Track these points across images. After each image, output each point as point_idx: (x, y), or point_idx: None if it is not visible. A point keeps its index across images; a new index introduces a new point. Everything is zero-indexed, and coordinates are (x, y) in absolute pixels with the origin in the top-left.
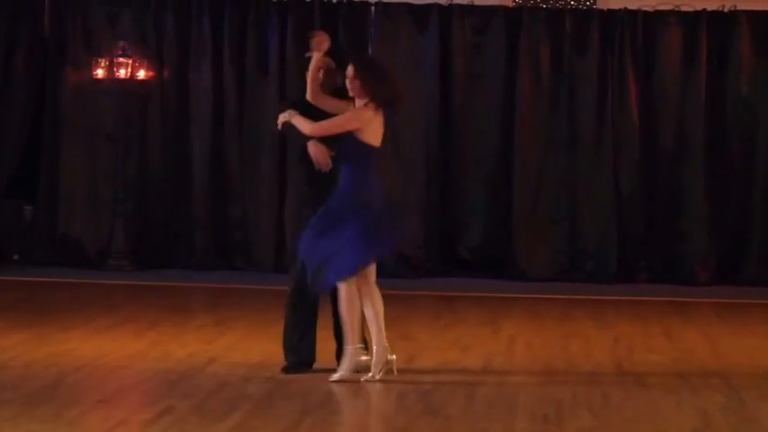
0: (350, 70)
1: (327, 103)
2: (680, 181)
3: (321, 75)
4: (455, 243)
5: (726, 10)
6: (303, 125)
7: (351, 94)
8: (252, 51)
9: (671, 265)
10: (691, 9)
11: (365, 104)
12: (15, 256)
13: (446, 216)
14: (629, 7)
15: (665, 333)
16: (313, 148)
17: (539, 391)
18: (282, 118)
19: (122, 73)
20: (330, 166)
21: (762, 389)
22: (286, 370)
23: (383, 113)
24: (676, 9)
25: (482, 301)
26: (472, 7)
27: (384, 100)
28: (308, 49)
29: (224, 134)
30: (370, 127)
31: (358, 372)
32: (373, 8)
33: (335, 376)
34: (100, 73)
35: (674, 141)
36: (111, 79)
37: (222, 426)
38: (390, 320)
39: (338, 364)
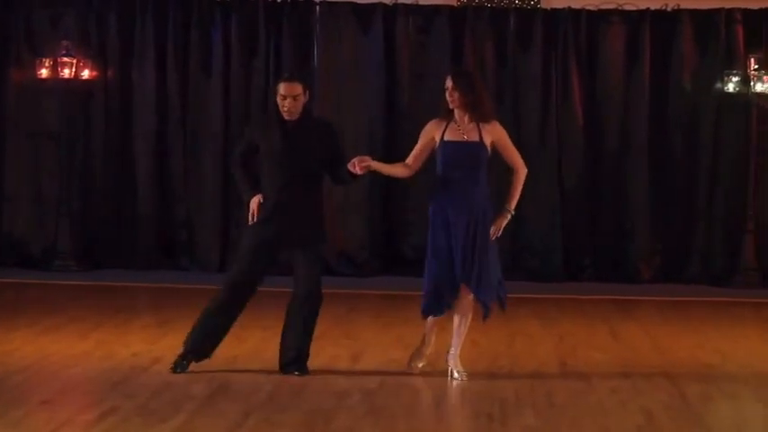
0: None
1: (421, 157)
2: (624, 179)
3: None
4: (399, 242)
5: (668, 9)
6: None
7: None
8: (195, 51)
9: (615, 263)
10: (634, 8)
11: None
12: None
13: (390, 215)
14: (572, 6)
15: (609, 331)
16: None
17: (483, 390)
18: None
19: (66, 73)
20: None
21: (705, 386)
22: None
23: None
24: (619, 8)
25: None
26: (416, 7)
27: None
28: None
29: (168, 134)
30: None
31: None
32: (318, 7)
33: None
34: (44, 73)
35: (618, 140)
36: (55, 79)
37: (166, 426)
38: (334, 319)
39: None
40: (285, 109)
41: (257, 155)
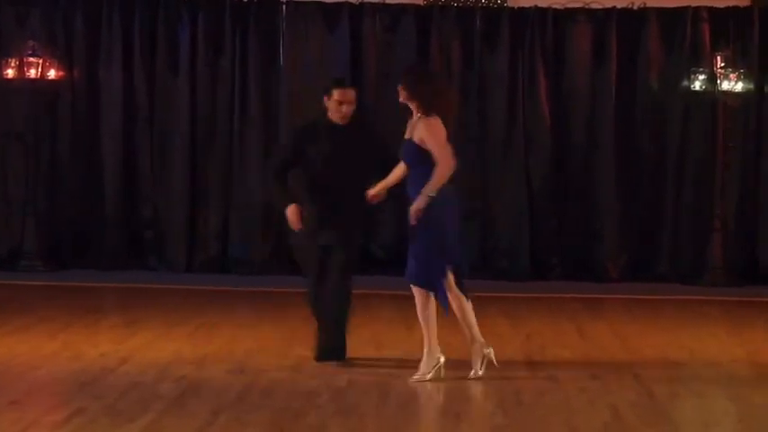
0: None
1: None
2: (591, 178)
3: None
4: (368, 241)
5: (635, 7)
6: (440, 177)
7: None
8: (162, 50)
9: (583, 262)
10: (600, 7)
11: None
12: None
13: None
14: (539, 5)
15: (577, 330)
16: None
17: (452, 389)
18: (418, 209)
19: (32, 73)
20: None
21: (672, 384)
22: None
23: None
24: (586, 7)
25: (396, 299)
26: (383, 6)
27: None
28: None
29: (135, 133)
30: None
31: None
32: (284, 7)
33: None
34: (10, 73)
35: (585, 138)
36: (21, 79)
37: (134, 426)
38: (304, 318)
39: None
40: (341, 114)
41: (298, 163)
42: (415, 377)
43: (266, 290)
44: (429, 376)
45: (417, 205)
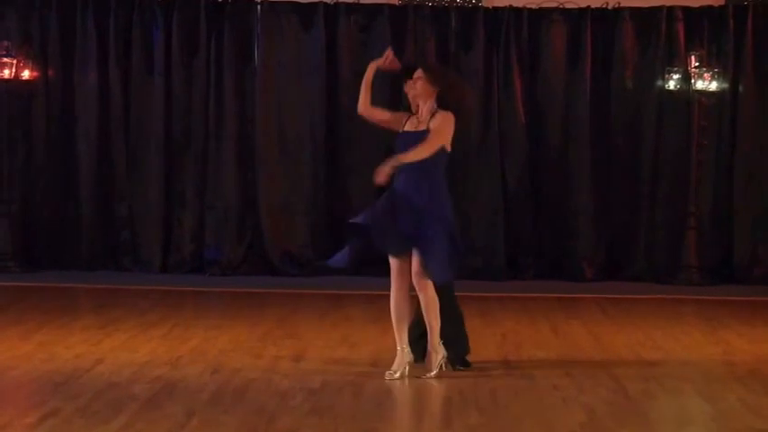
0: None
1: (379, 116)
2: (566, 177)
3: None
4: (342, 241)
5: (609, 7)
6: (417, 155)
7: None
8: (137, 51)
9: (558, 261)
10: (575, 6)
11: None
12: None
13: (333, 214)
14: (513, 5)
15: (552, 329)
16: None
17: (426, 389)
18: (386, 172)
19: (6, 73)
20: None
21: (646, 383)
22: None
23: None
24: (561, 6)
25: (369, 298)
26: (358, 5)
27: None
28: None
29: (110, 133)
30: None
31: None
32: (259, 6)
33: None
34: None
35: (560, 137)
36: None
37: (108, 427)
38: (277, 319)
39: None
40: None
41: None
42: (431, 374)
43: (241, 290)
44: (435, 372)
45: (387, 167)
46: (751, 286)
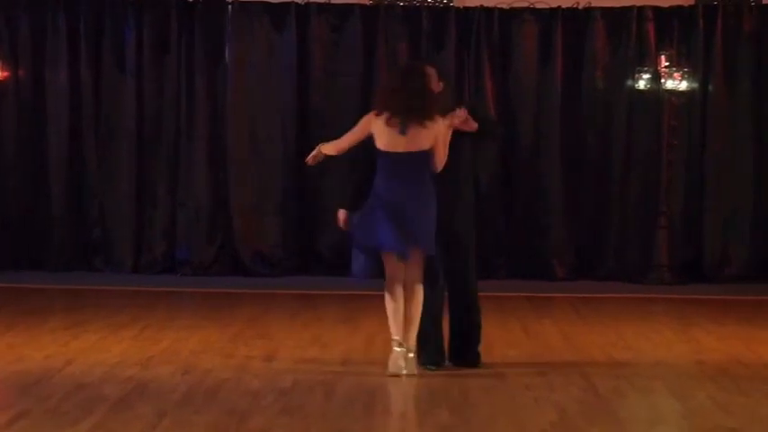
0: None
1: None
2: (538, 176)
3: None
4: (314, 241)
5: (580, 7)
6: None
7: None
8: (108, 50)
9: (530, 260)
10: (546, 6)
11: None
12: None
13: (305, 214)
14: (485, 5)
15: (523, 328)
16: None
17: (397, 389)
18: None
19: None
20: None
21: (617, 382)
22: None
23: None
24: (532, 6)
25: (341, 298)
26: (329, 5)
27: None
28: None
29: (81, 133)
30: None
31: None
32: (230, 7)
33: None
34: None
35: (531, 137)
36: None
37: (78, 428)
38: (249, 319)
39: None
40: None
41: None
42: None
43: (212, 291)
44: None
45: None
46: (721, 285)
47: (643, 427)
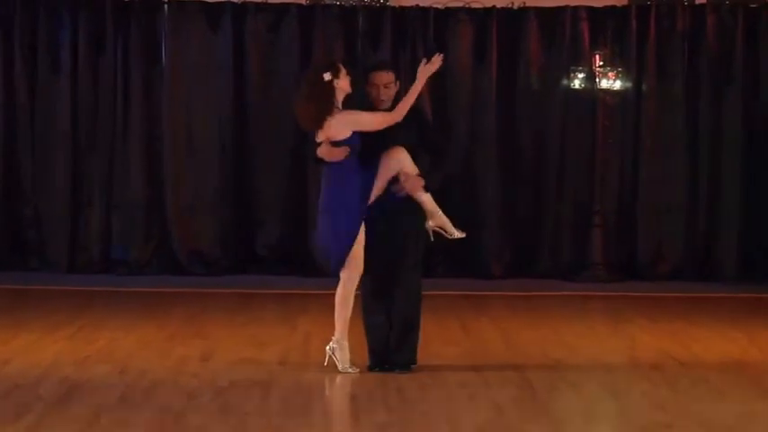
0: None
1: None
2: (473, 174)
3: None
4: (251, 240)
5: (515, 7)
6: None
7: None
8: (43, 50)
9: (467, 259)
10: (480, 6)
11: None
12: None
13: (242, 213)
14: (420, 4)
15: (460, 326)
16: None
17: (335, 388)
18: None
19: None
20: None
21: (552, 379)
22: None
23: None
24: (467, 6)
25: (278, 298)
26: (265, 5)
27: None
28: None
29: (16, 133)
30: None
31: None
32: (166, 6)
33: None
34: None
35: (467, 136)
36: None
37: (13, 428)
38: (185, 318)
39: None
40: (382, 98)
41: None
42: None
43: (148, 290)
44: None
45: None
46: (655, 282)
47: (578, 423)
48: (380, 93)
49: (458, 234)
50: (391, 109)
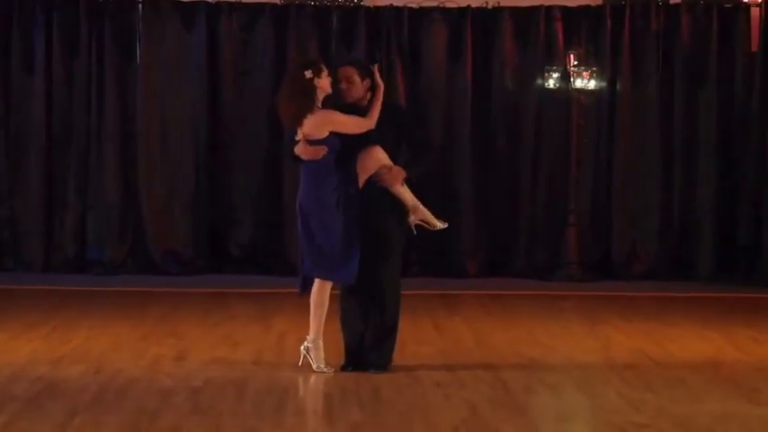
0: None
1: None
2: (449, 174)
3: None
4: (225, 240)
5: (489, 6)
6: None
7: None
8: (17, 50)
9: (441, 258)
10: (455, 5)
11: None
12: None
13: (215, 213)
14: (394, 4)
15: (434, 326)
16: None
17: (309, 387)
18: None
19: None
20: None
21: (527, 378)
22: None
23: None
24: (441, 5)
25: (253, 297)
26: (240, 4)
27: None
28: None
29: None
30: None
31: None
32: (140, 6)
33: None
34: None
35: (442, 135)
36: None
37: None
38: (159, 318)
39: None
40: (343, 91)
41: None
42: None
43: (123, 289)
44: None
45: None
46: (630, 282)
47: (553, 423)
48: (342, 86)
49: (440, 225)
50: (355, 104)
